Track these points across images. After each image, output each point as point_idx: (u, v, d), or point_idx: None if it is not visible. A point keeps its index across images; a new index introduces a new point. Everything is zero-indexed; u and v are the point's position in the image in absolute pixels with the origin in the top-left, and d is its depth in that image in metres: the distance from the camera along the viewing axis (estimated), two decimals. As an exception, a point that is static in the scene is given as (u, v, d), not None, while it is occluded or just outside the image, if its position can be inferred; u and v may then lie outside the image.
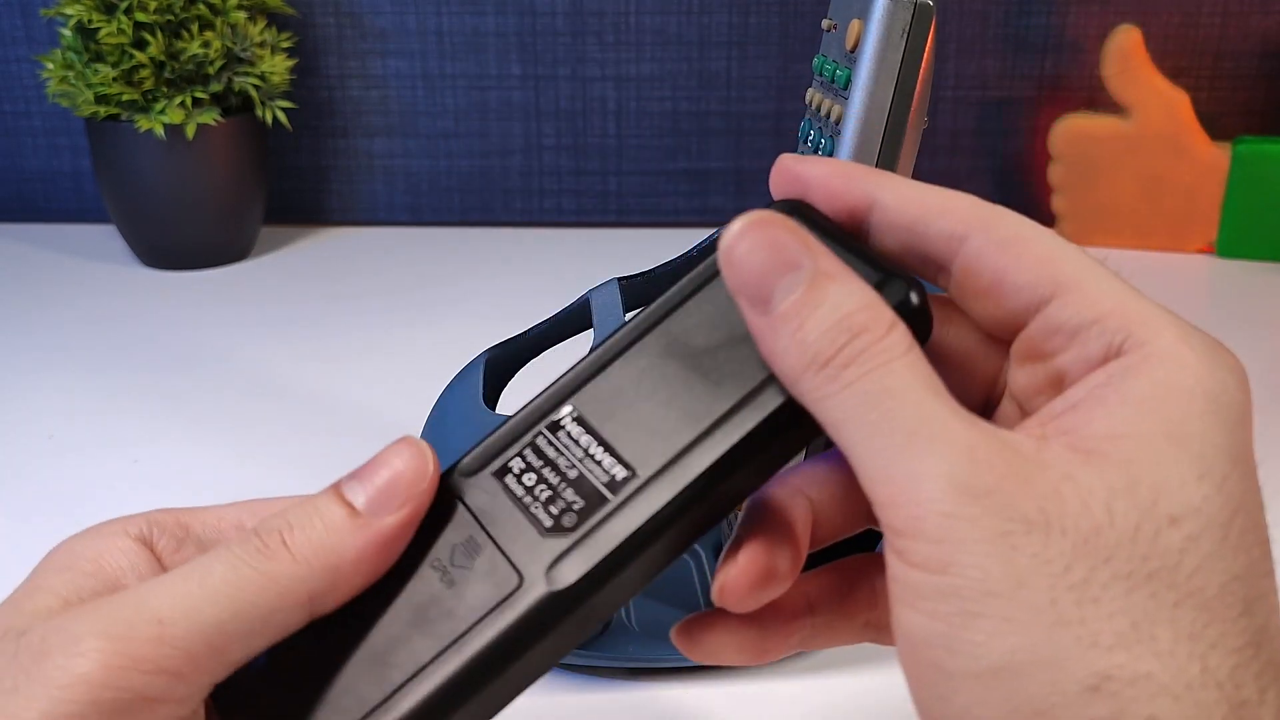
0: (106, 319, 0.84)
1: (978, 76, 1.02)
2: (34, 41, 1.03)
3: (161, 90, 0.87)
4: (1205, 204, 0.96)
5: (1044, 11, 1.00)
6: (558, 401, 0.27)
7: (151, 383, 0.73)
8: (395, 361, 0.76)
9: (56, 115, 1.05)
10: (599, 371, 0.27)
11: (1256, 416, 0.24)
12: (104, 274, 0.94)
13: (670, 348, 0.27)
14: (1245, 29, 1.00)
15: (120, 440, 0.65)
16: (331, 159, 1.07)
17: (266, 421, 0.67)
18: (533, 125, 1.05)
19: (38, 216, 1.09)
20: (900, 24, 0.35)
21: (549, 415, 0.27)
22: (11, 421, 0.68)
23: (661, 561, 0.26)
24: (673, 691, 0.45)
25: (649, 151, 1.05)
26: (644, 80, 1.03)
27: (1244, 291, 0.90)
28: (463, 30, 1.02)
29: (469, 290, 0.90)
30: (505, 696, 0.26)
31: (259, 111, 0.92)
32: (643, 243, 1.02)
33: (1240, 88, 1.02)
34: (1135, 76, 0.94)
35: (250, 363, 0.76)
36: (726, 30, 1.02)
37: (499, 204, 1.08)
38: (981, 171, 1.05)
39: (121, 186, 0.92)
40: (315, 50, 1.03)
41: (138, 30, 0.85)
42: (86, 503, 0.58)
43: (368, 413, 0.68)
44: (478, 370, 0.45)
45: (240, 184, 0.94)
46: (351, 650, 0.26)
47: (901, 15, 0.35)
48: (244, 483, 0.60)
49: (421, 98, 1.04)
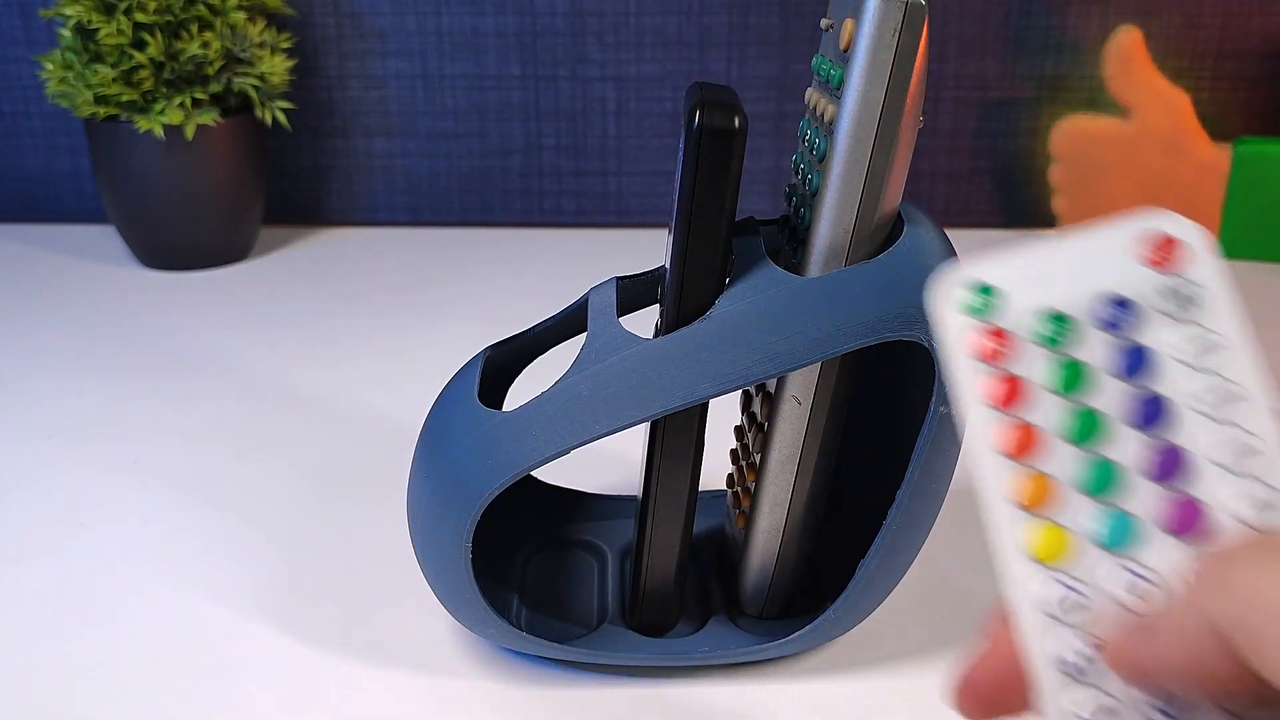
0: (106, 320, 0.84)
1: (978, 77, 1.02)
2: (33, 42, 1.03)
3: (161, 91, 0.87)
4: (1206, 204, 0.96)
5: (1044, 12, 1.00)
6: None
7: (151, 383, 0.73)
8: (395, 361, 0.76)
9: (56, 116, 1.05)
10: None
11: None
12: (103, 274, 0.94)
13: None
14: (1246, 29, 1.00)
15: (120, 440, 0.65)
16: (331, 159, 1.07)
17: (266, 421, 0.67)
18: (533, 125, 1.05)
19: (37, 217, 1.09)
20: (892, 23, 0.35)
21: None
22: (11, 421, 0.68)
23: None
24: (672, 691, 0.45)
25: (649, 151, 1.05)
26: (644, 80, 1.03)
27: (1244, 291, 0.89)
28: (463, 30, 1.02)
29: (469, 290, 0.90)
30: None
31: (258, 112, 0.92)
32: (643, 243, 1.02)
33: (1241, 88, 1.02)
34: (1136, 77, 0.94)
35: (250, 363, 0.76)
36: (726, 30, 1.01)
37: (499, 204, 1.08)
38: (981, 171, 1.05)
39: (121, 187, 0.92)
40: (315, 50, 1.03)
41: (137, 31, 0.85)
42: (87, 503, 0.58)
43: (367, 412, 0.68)
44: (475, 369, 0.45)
45: (240, 184, 0.94)
46: None
47: (893, 15, 0.35)
48: (244, 483, 0.60)
49: (421, 98, 1.04)
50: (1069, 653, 0.23)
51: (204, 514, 0.57)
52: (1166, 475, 0.24)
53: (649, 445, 0.43)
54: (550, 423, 0.40)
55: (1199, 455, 0.24)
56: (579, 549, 0.52)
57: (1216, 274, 0.25)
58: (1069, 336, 0.25)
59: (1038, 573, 0.24)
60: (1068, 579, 0.24)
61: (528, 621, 0.47)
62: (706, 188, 0.37)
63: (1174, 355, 0.24)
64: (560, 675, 0.46)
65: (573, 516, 0.53)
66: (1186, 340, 0.24)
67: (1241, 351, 0.24)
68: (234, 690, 0.45)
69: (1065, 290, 0.25)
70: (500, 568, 0.50)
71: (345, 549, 0.54)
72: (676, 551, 0.44)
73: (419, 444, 0.45)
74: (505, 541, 0.51)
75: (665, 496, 0.43)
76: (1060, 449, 0.25)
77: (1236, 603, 0.20)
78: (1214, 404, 0.24)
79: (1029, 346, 0.25)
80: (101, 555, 0.54)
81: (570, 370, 0.40)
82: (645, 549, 0.44)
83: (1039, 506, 0.24)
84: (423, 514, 0.43)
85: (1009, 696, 0.24)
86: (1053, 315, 0.25)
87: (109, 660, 0.46)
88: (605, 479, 0.57)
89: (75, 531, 0.56)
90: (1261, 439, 0.23)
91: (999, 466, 0.25)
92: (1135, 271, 0.25)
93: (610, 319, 0.42)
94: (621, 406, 0.39)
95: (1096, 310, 0.25)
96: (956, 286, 0.26)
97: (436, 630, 0.48)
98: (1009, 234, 1.04)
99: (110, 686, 0.45)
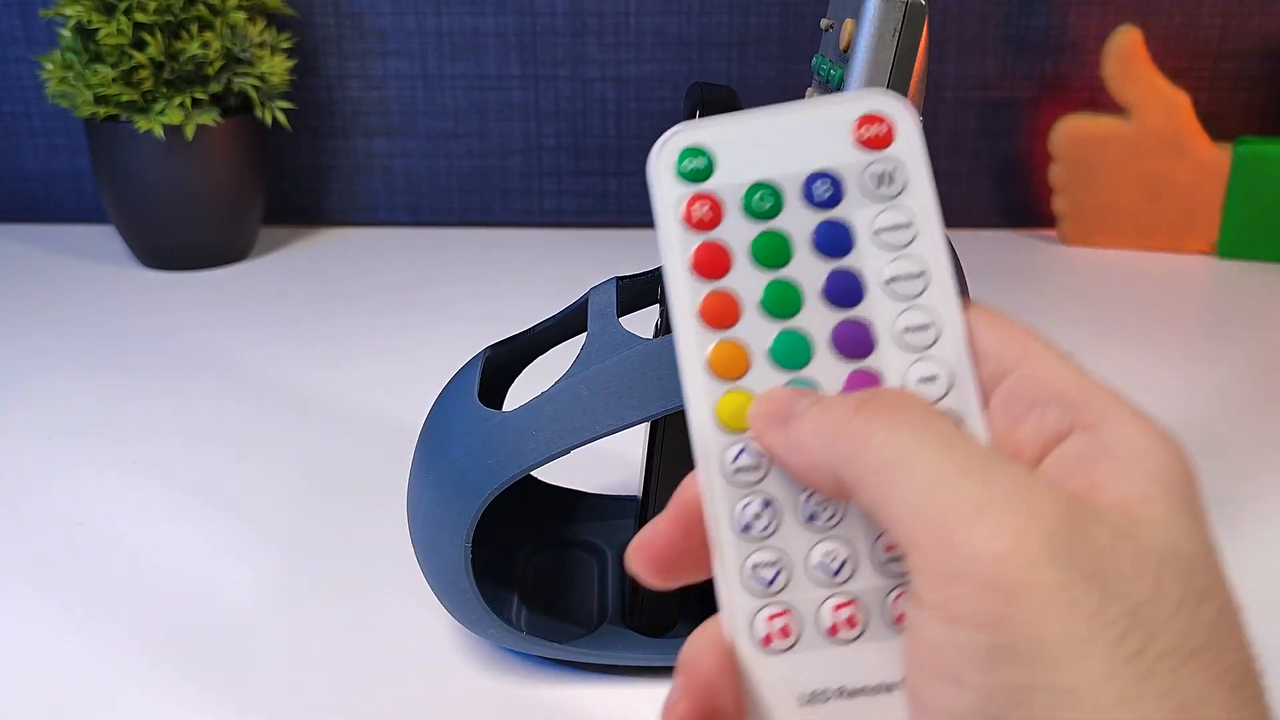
0: (106, 320, 0.84)
1: (978, 77, 1.02)
2: (33, 42, 1.03)
3: (161, 91, 0.87)
4: (1206, 204, 0.96)
5: (1044, 12, 1.00)
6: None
7: (151, 383, 0.73)
8: (394, 361, 0.76)
9: (56, 116, 1.05)
10: None
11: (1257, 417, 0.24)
12: (103, 275, 0.94)
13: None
14: (1246, 29, 1.00)
15: (120, 440, 0.65)
16: (331, 159, 1.07)
17: (266, 421, 0.67)
18: (533, 125, 1.05)
19: (37, 217, 1.09)
20: (892, 24, 0.35)
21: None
22: (11, 421, 0.68)
23: None
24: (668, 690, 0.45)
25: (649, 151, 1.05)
26: (644, 80, 1.03)
27: (1244, 291, 0.90)
28: (463, 30, 1.02)
29: (469, 290, 0.90)
30: None
31: (258, 112, 0.92)
32: (643, 243, 1.02)
33: (1241, 88, 1.02)
34: (1136, 77, 0.94)
35: (249, 363, 0.76)
36: (726, 30, 1.01)
37: (499, 204, 1.08)
38: (981, 171, 1.05)
39: (121, 187, 0.92)
40: (315, 50, 1.03)
41: (137, 31, 0.85)
42: (87, 503, 0.58)
43: (367, 412, 0.68)
44: (475, 369, 0.45)
45: (240, 184, 0.94)
46: None
47: (893, 15, 0.35)
48: (244, 482, 0.60)
49: (421, 98, 1.04)
50: (746, 513, 0.24)
51: (204, 514, 0.57)
52: (849, 350, 0.25)
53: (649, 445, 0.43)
54: (550, 423, 0.40)
55: (880, 330, 0.25)
56: (579, 549, 0.52)
57: (918, 155, 0.25)
58: (775, 208, 0.25)
59: (724, 438, 0.25)
60: (749, 445, 0.25)
61: (528, 621, 0.47)
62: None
63: (869, 233, 0.25)
64: (560, 675, 0.46)
65: (573, 516, 0.53)
66: (882, 219, 0.25)
67: (930, 233, 0.25)
68: (234, 690, 0.45)
69: (777, 162, 0.26)
70: (500, 568, 0.50)
71: (345, 549, 0.54)
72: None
73: (419, 444, 0.45)
74: (505, 541, 0.51)
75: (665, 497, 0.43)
76: (755, 318, 0.25)
77: (845, 445, 0.22)
78: (898, 282, 0.25)
79: (736, 215, 0.25)
80: (101, 555, 0.54)
81: (570, 370, 0.40)
82: (645, 549, 0.44)
83: (731, 374, 0.25)
84: (423, 514, 0.43)
85: (685, 560, 0.25)
86: (762, 186, 0.25)
87: (109, 660, 0.46)
88: (605, 479, 0.57)
89: (75, 531, 0.56)
90: (935, 317, 0.25)
91: (698, 333, 0.25)
92: (846, 150, 0.25)
93: (610, 319, 0.42)
94: (621, 406, 0.39)
95: (804, 184, 0.25)
96: (674, 148, 0.26)
97: (436, 630, 0.48)
98: (1009, 234, 1.04)
99: (110, 686, 0.45)
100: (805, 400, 0.24)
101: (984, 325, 0.25)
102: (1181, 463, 0.22)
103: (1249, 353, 0.76)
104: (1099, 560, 0.20)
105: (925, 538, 0.21)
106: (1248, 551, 0.53)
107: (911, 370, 0.25)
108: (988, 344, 0.24)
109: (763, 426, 0.24)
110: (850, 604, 0.24)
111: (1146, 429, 0.23)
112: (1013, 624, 0.19)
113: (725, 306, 0.25)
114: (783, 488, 0.24)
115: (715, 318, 0.25)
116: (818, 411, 0.23)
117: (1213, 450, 0.63)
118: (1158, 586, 0.20)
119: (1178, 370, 0.74)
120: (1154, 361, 0.76)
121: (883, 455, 0.22)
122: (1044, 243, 1.02)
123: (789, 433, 0.24)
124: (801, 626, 0.24)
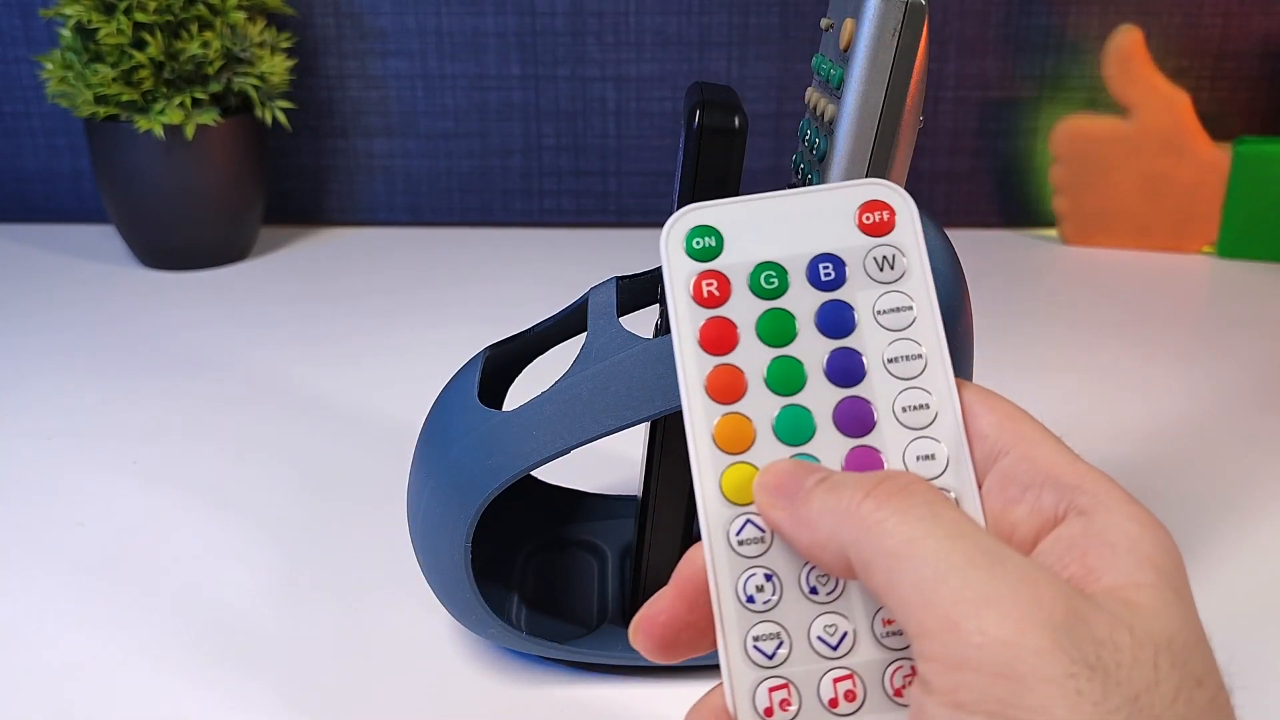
0: (106, 319, 0.84)
1: (978, 76, 1.02)
2: (33, 42, 1.03)
3: (161, 90, 0.87)
4: (1206, 204, 0.96)
5: (1044, 11, 1.00)
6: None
7: (151, 383, 0.73)
8: (395, 361, 0.76)
9: (56, 115, 1.05)
10: None
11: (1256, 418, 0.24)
12: (103, 274, 0.94)
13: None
14: (1246, 29, 1.00)
15: (120, 440, 0.65)
16: (331, 159, 1.07)
17: (266, 421, 0.67)
18: (533, 125, 1.05)
19: (37, 217, 1.09)
20: (892, 23, 0.35)
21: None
22: (11, 421, 0.68)
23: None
24: (672, 691, 0.45)
25: (649, 151, 1.05)
26: (644, 80, 1.03)
27: (1244, 291, 0.90)
28: (463, 30, 1.02)
29: (469, 290, 0.90)
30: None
31: (258, 112, 0.92)
32: (643, 243, 1.02)
33: (1241, 88, 1.02)
34: (1136, 76, 0.94)
35: (250, 363, 0.76)
36: (726, 30, 1.01)
37: (499, 204, 1.08)
38: (981, 171, 1.05)
39: (121, 187, 0.92)
40: (315, 50, 1.03)
41: (137, 30, 0.85)
42: (87, 503, 0.58)
43: (367, 412, 0.68)
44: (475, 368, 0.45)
45: (240, 184, 0.94)
46: None
47: (893, 15, 0.35)
48: (244, 482, 0.60)
49: (421, 98, 1.04)
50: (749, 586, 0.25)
51: (204, 514, 0.57)
52: (850, 428, 0.26)
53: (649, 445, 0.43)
54: (550, 423, 0.40)
55: (881, 408, 0.26)
56: (579, 549, 0.52)
57: (917, 242, 0.26)
58: (780, 288, 0.26)
59: (729, 510, 0.25)
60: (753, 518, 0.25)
61: (528, 621, 0.47)
62: (707, 187, 0.37)
63: (870, 314, 0.26)
64: (560, 675, 0.46)
65: (573, 516, 0.53)
66: (883, 302, 0.26)
67: (928, 316, 0.26)
68: (234, 689, 0.45)
69: (784, 243, 0.27)
70: (500, 568, 0.50)
71: (345, 549, 0.54)
72: (676, 551, 0.44)
73: (419, 444, 0.45)
74: (505, 541, 0.51)
75: (665, 496, 0.43)
76: (760, 393, 0.26)
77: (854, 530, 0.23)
78: (898, 363, 0.26)
79: (743, 293, 0.26)
80: (101, 555, 0.54)
81: (570, 370, 0.40)
82: (645, 549, 0.44)
83: (736, 448, 0.26)
84: (423, 514, 0.43)
85: (687, 635, 0.26)
86: (768, 265, 0.27)
87: (109, 660, 0.46)
88: (605, 479, 0.57)
89: (75, 531, 0.56)
90: (933, 398, 0.26)
91: (704, 406, 0.26)
92: (849, 234, 0.27)
93: (610, 319, 0.42)
94: (621, 406, 0.39)
95: (809, 266, 0.26)
96: (684, 227, 0.27)
97: (436, 630, 0.48)
98: (1009, 234, 1.04)
99: (110, 686, 0.45)
100: (812, 478, 0.24)
101: (980, 407, 0.26)
102: (1172, 549, 0.23)
103: (1249, 353, 0.76)
104: (1100, 650, 0.20)
105: (934, 625, 0.21)
106: (1247, 552, 0.53)
107: (910, 448, 0.25)
108: (984, 425, 0.25)
109: (769, 502, 0.25)
110: (850, 677, 0.24)
111: (1139, 515, 0.23)
112: (1020, 711, 0.20)
113: (731, 381, 0.26)
114: (785, 561, 0.25)
115: (721, 392, 0.26)
116: (825, 490, 0.24)
117: (1212, 450, 0.63)
118: (1156, 674, 0.21)
119: (1177, 370, 0.74)
120: (1153, 361, 0.76)
121: (892, 543, 0.22)
122: (1044, 243, 1.02)
123: (795, 510, 0.24)
124: (802, 699, 0.24)
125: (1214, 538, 0.54)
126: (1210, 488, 0.59)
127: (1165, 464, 0.62)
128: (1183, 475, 0.61)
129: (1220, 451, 0.63)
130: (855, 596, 0.25)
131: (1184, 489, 0.59)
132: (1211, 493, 0.59)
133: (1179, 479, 0.60)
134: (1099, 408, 0.69)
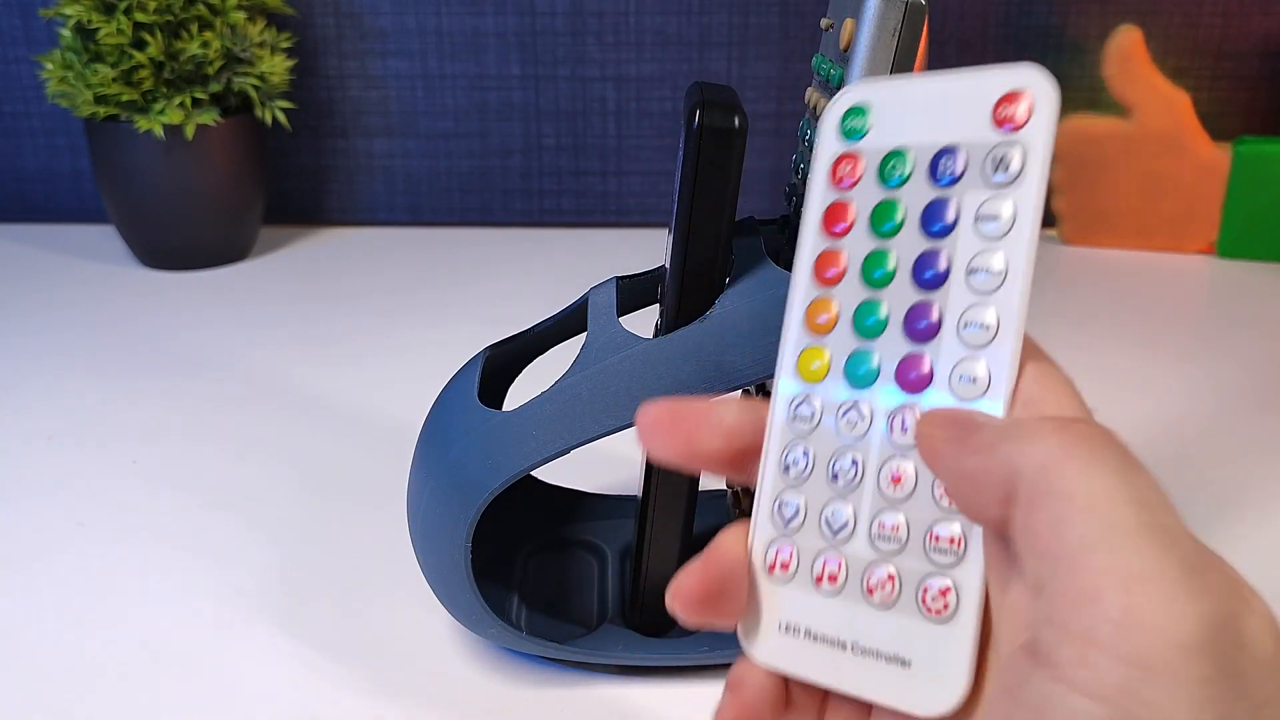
0: (106, 319, 0.84)
1: (978, 76, 1.02)
2: (33, 42, 1.03)
3: (161, 90, 0.87)
4: (1206, 204, 0.96)
5: (1044, 11, 1.00)
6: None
7: (151, 383, 0.73)
8: (395, 361, 0.76)
9: (56, 115, 1.05)
10: None
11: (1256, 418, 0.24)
12: (103, 274, 0.94)
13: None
14: (1246, 29, 1.00)
15: (120, 440, 0.65)
16: (331, 159, 1.07)
17: (266, 421, 0.67)
18: (533, 125, 1.05)
19: (37, 217, 1.09)
20: (891, 23, 0.35)
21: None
22: (11, 421, 0.68)
23: None
24: (672, 691, 0.45)
25: (649, 151, 1.05)
26: (644, 80, 1.03)
27: (1244, 291, 0.90)
28: (463, 30, 1.02)
29: (469, 290, 0.90)
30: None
31: (258, 112, 0.92)
32: (643, 243, 1.02)
33: (1241, 88, 1.02)
34: (1136, 76, 0.94)
35: (250, 363, 0.76)
36: (726, 30, 1.01)
37: (499, 204, 1.08)
38: (982, 171, 1.05)
39: (121, 187, 0.92)
40: (315, 50, 1.03)
41: (137, 30, 0.85)
42: (87, 503, 0.58)
43: (367, 412, 0.68)
44: (475, 368, 0.45)
45: (240, 184, 0.94)
46: None
47: (893, 15, 0.35)
48: (244, 482, 0.60)
49: (421, 98, 1.04)
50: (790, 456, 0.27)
51: (204, 514, 0.57)
52: (915, 333, 0.25)
53: (649, 445, 0.43)
54: (550, 423, 0.40)
55: (948, 319, 0.25)
56: (579, 549, 0.52)
57: (1046, 143, 0.24)
58: (903, 178, 0.26)
59: (797, 386, 0.27)
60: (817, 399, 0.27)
61: (528, 621, 0.47)
62: (707, 187, 0.37)
63: (971, 219, 0.25)
64: (560, 675, 0.46)
65: (573, 516, 0.53)
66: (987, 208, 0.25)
67: (1024, 230, 0.24)
68: (234, 690, 0.45)
69: (920, 129, 0.26)
70: (500, 568, 0.50)
71: (345, 549, 0.54)
72: (676, 551, 0.44)
73: (419, 444, 0.45)
74: (505, 541, 0.51)
75: (665, 496, 0.43)
76: (853, 282, 0.26)
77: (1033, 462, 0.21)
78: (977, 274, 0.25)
79: (871, 179, 0.26)
80: (102, 555, 0.54)
81: (570, 370, 0.40)
82: (645, 549, 0.44)
83: (819, 331, 0.27)
84: (423, 514, 0.43)
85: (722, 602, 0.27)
86: (897, 154, 0.26)
87: (109, 660, 0.46)
88: (605, 479, 0.57)
89: (75, 531, 0.56)
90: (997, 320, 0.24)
91: (806, 284, 0.27)
92: (981, 126, 0.25)
93: (610, 319, 0.42)
94: (621, 406, 0.39)
95: (933, 158, 0.26)
96: (843, 106, 0.27)
97: (436, 630, 0.48)
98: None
99: (111, 686, 0.45)
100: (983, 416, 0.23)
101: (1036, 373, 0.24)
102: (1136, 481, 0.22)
103: (1249, 353, 0.76)
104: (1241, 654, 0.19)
105: (1075, 589, 0.20)
106: (1247, 552, 0.53)
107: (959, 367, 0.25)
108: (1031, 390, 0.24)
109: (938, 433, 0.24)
110: (839, 562, 0.26)
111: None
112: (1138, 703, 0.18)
113: (833, 265, 0.27)
114: (823, 444, 0.26)
115: (822, 274, 0.27)
116: (1007, 421, 0.23)
117: (1212, 450, 0.63)
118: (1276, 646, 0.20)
119: (1177, 370, 0.74)
120: (1153, 361, 0.76)
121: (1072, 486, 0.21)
122: (1044, 242, 1.02)
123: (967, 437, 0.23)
124: (798, 567, 0.26)
125: (1214, 538, 0.54)
126: (1210, 488, 0.59)
127: (1165, 464, 0.62)
128: (1183, 475, 0.61)
129: (1220, 451, 0.63)
130: (866, 493, 0.25)
131: (1184, 489, 0.59)
132: (1211, 493, 0.59)
133: (1179, 479, 0.60)
134: (1099, 408, 0.69)
